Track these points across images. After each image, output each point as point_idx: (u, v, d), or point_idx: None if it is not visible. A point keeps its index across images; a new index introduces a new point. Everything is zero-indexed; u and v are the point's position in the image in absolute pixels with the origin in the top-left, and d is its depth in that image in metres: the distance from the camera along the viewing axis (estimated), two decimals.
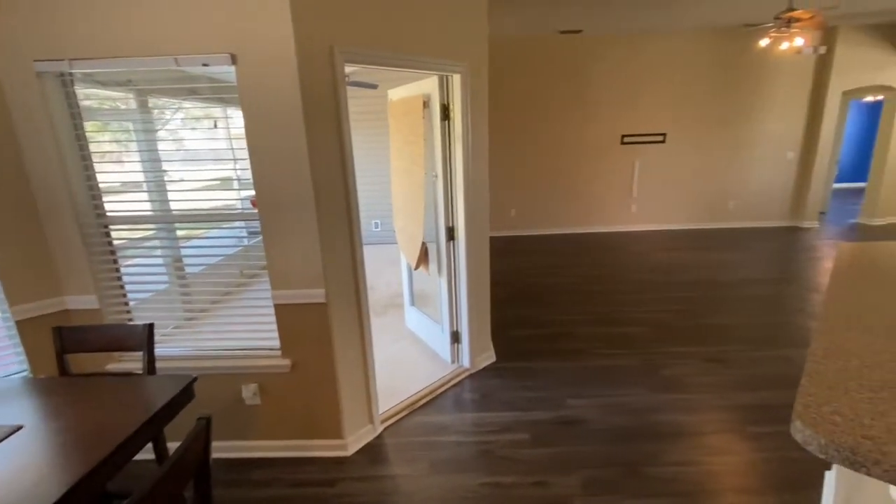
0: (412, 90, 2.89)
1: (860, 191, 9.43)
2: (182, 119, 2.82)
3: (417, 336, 3.50)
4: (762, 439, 2.29)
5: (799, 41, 3.88)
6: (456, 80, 2.50)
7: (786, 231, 6.63)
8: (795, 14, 3.62)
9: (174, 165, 2.42)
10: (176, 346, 2.24)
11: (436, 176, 2.81)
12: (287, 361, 2.12)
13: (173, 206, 2.34)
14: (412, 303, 3.60)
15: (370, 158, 6.11)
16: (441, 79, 2.56)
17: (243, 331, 2.17)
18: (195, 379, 1.51)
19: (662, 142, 6.65)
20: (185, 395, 1.44)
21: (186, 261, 2.46)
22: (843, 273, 1.50)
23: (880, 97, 7.09)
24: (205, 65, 1.81)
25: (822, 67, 6.28)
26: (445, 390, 2.81)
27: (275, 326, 2.10)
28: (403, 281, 3.64)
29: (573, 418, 2.51)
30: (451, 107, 2.59)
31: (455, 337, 3.00)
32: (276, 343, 2.13)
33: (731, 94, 6.46)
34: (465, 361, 3.00)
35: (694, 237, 6.47)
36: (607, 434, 2.37)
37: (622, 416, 2.51)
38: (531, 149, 6.69)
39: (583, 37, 6.18)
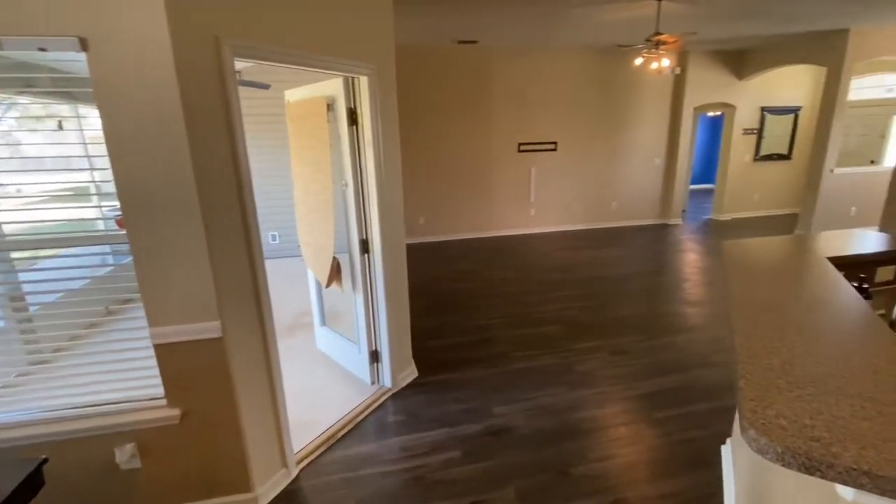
0: (313, 91, 2.65)
1: (710, 191, 11.13)
2: (16, 119, 2.27)
3: (331, 358, 3.24)
4: (666, 423, 2.50)
5: (666, 62, 4.41)
6: (363, 82, 2.34)
7: (657, 228, 7.55)
8: (662, 38, 4.11)
9: (5, 176, 1.90)
10: (16, 408, 1.73)
11: (345, 185, 2.61)
12: (175, 412, 1.76)
13: (6, 227, 1.82)
14: (323, 322, 3.32)
15: (267, 164, 5.60)
16: (346, 81, 2.38)
17: (113, 379, 1.76)
18: (45, 460, 1.14)
19: (554, 150, 7.14)
20: (30, 486, 1.08)
21: (31, 290, 1.93)
22: (736, 271, 1.67)
23: (720, 112, 8.43)
24: (41, 49, 1.42)
25: (679, 86, 7.29)
26: (367, 416, 2.61)
27: (156, 371, 1.73)
28: (312, 299, 3.34)
29: (501, 427, 2.49)
30: (358, 111, 2.42)
31: (374, 356, 2.82)
32: (160, 391, 1.76)
33: (610, 107, 7.19)
34: (387, 381, 2.83)
35: (586, 237, 7.04)
36: (535, 439, 2.39)
37: (546, 417, 2.56)
38: (437, 157, 6.72)
39: (480, 48, 6.38)
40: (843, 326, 1.17)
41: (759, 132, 7.79)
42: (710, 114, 10.95)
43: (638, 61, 4.52)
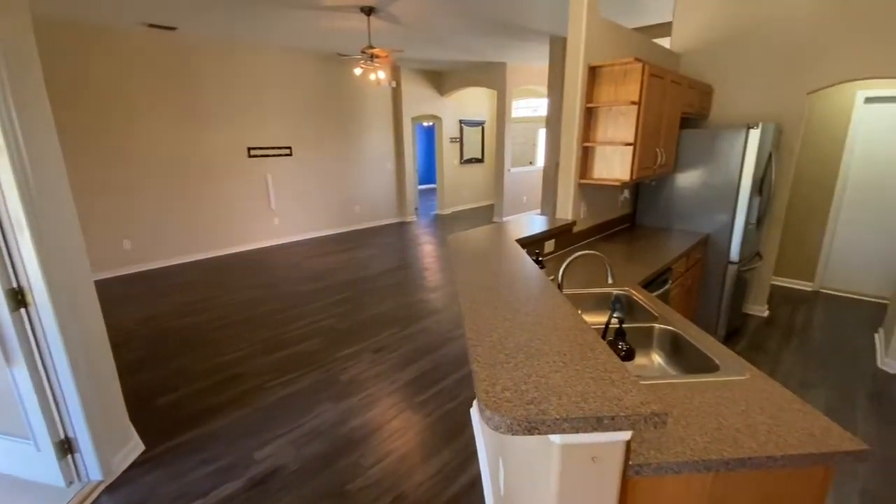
0: None
1: (433, 190, 12.92)
2: None
3: None
4: (426, 404, 2.73)
5: (382, 74, 4.78)
6: None
7: (397, 226, 8.28)
8: (375, 51, 4.42)
9: None
10: None
11: None
12: None
13: None
14: None
15: None
16: None
17: None
18: None
19: (290, 155, 6.84)
20: None
21: None
22: (460, 260, 1.92)
23: (433, 123, 9.85)
24: None
25: (397, 98, 8.10)
26: None
27: None
28: None
29: (267, 472, 2.18)
30: None
31: (65, 447, 2.02)
32: None
33: (342, 114, 7.37)
34: (94, 473, 2.08)
35: (335, 241, 7.07)
36: (307, 470, 2.20)
37: (317, 441, 2.40)
38: (142, 165, 5.39)
39: (185, 39, 5.43)
40: (533, 295, 1.47)
41: (461, 140, 9.51)
42: (426, 124, 12.73)
43: (357, 71, 4.74)
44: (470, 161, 9.86)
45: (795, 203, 4.63)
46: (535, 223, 2.79)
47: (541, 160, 10.59)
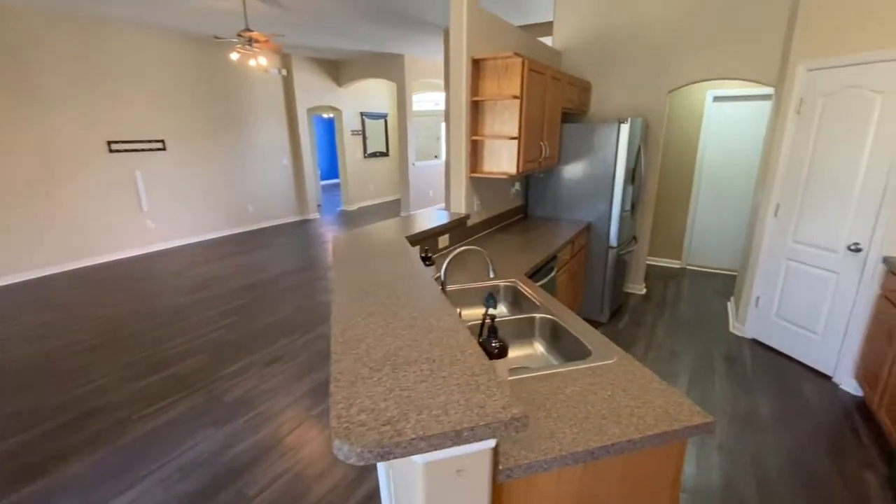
0: None
1: (338, 185, 12.44)
2: None
3: None
4: (325, 416, 2.56)
5: (263, 60, 4.39)
6: None
7: (298, 224, 7.81)
8: (254, 35, 4.03)
9: None
10: None
11: None
12: None
13: None
14: None
15: None
16: None
17: None
18: None
19: (163, 149, 6.05)
20: None
21: None
22: (341, 263, 1.78)
23: (332, 115, 9.42)
24: None
25: (288, 87, 7.57)
26: None
27: None
28: None
29: None
30: None
31: None
32: None
33: (224, 103, 6.68)
34: None
35: (225, 244, 6.44)
36: None
37: (192, 476, 2.11)
38: None
39: (21, 13, 4.46)
40: (413, 296, 1.40)
41: (363, 133, 9.23)
42: (325, 115, 12.14)
43: (234, 56, 4.30)
44: (374, 155, 9.62)
45: (663, 191, 5.19)
46: (428, 218, 2.75)
47: (444, 154, 10.72)
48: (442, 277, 1.63)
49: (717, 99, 4.77)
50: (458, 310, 1.50)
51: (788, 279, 3.12)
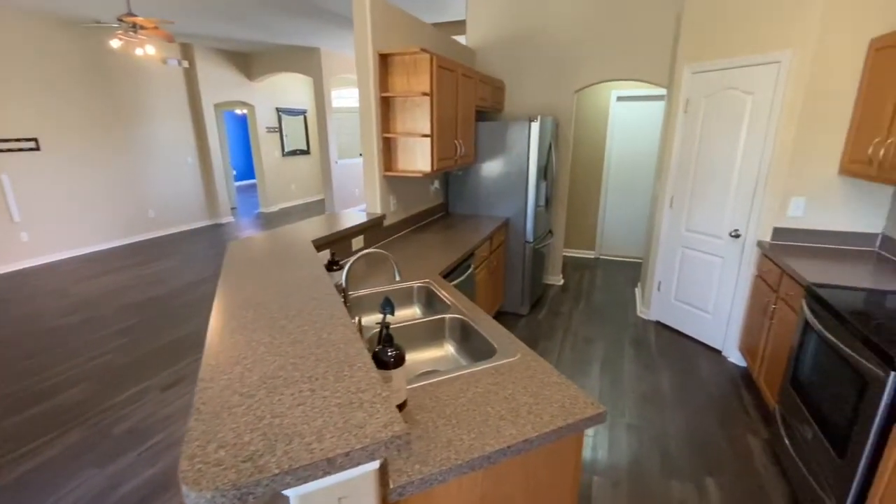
0: None
1: (255, 186, 11.70)
2: None
3: None
4: None
5: (151, 49, 3.95)
6: None
7: (209, 229, 7.21)
8: (139, 20, 3.61)
9: None
10: None
11: None
12: None
13: None
14: None
15: None
16: None
17: None
18: None
19: (36, 149, 5.26)
20: None
21: None
22: (233, 272, 1.62)
23: (245, 111, 8.80)
24: None
25: (191, 81, 6.94)
26: None
27: None
28: None
29: None
30: None
31: None
32: None
33: (113, 97, 5.95)
34: None
35: (119, 256, 5.77)
36: None
37: None
38: None
39: None
40: (307, 305, 1.30)
41: (280, 131, 8.73)
42: (238, 112, 11.35)
43: (114, 43, 3.82)
44: (294, 153, 9.15)
45: (576, 186, 5.46)
46: (343, 219, 2.62)
47: None
48: (343, 284, 1.54)
49: (620, 98, 5.10)
50: (358, 318, 1.42)
51: (684, 264, 3.41)
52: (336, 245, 2.39)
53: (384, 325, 1.08)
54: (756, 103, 2.78)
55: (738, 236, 3.00)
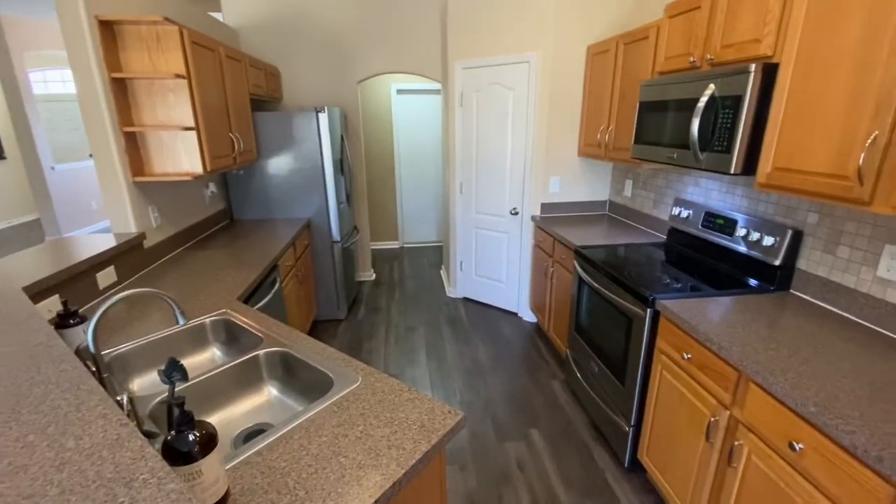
0: None
1: None
2: None
3: None
4: None
5: None
6: None
7: None
8: None
9: None
10: None
11: None
12: None
13: None
14: None
15: None
16: None
17: None
18: None
19: None
20: None
21: None
22: None
23: None
24: None
25: None
26: None
27: None
28: None
29: None
30: None
31: None
32: None
33: None
34: None
35: None
36: None
37: None
38: None
39: None
40: (26, 399, 0.83)
41: None
42: None
43: None
44: None
45: (374, 179, 5.44)
46: (77, 247, 1.89)
47: None
48: (90, 346, 1.06)
49: (399, 91, 5.25)
50: (126, 393, 1.00)
51: (479, 243, 3.76)
52: (70, 287, 1.70)
53: (173, 403, 0.75)
54: (517, 97, 3.21)
55: (516, 213, 3.45)
